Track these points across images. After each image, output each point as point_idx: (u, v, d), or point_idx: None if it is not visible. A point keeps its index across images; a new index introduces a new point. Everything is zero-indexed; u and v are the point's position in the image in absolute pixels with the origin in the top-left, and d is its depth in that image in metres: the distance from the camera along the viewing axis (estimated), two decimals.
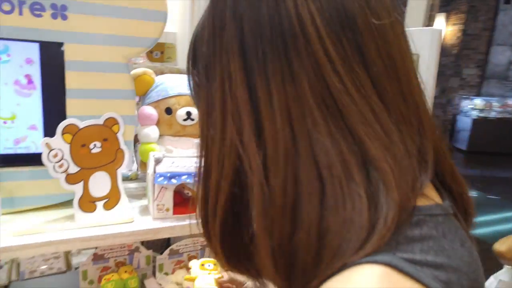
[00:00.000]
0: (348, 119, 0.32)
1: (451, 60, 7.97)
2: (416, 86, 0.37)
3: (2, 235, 0.79)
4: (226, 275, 0.80)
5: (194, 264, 0.97)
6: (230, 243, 0.41)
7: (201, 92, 0.40)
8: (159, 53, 1.58)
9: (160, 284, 1.02)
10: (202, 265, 0.96)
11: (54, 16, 0.85)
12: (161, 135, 1.15)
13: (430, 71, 0.93)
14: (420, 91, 0.38)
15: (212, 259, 0.97)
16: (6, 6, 0.80)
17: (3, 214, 0.84)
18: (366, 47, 0.33)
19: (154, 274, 1.06)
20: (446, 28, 7.64)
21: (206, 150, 0.40)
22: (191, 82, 0.43)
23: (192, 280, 0.94)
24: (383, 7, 0.35)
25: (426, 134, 0.36)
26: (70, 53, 0.89)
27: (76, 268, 1.11)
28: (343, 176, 0.32)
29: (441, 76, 8.16)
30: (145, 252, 1.06)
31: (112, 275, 0.98)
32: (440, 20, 7.54)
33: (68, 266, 1.20)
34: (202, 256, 1.09)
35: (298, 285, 0.35)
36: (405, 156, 0.33)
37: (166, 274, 1.05)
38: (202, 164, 0.41)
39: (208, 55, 0.38)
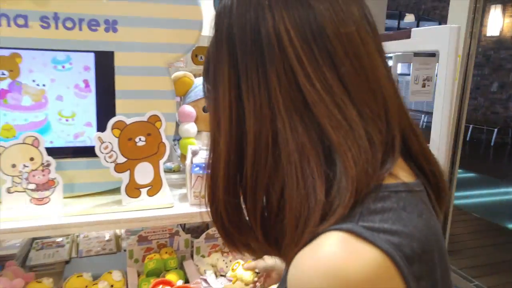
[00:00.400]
0: (316, 114, 0.39)
1: (510, 54, 7.48)
2: (386, 82, 0.43)
3: (63, 214, 0.95)
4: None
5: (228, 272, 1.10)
6: (231, 221, 0.49)
7: (210, 95, 0.50)
8: (203, 56, 1.71)
9: (197, 265, 1.13)
10: (233, 268, 1.07)
11: (107, 30, 0.99)
12: (199, 131, 1.27)
13: (449, 68, 0.96)
14: (390, 85, 0.43)
15: (236, 261, 1.08)
16: (69, 24, 0.95)
17: (64, 197, 0.99)
18: (335, 51, 0.40)
19: (192, 256, 1.18)
20: (503, 20, 7.19)
21: (214, 143, 0.49)
22: (204, 87, 0.52)
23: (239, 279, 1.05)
24: (350, 17, 0.41)
25: (394, 123, 0.42)
26: (119, 60, 1.02)
27: (125, 250, 1.25)
28: (298, 163, 0.39)
29: (500, 70, 7.66)
30: (184, 236, 1.18)
31: (154, 255, 1.11)
32: (496, 12, 7.11)
33: (118, 248, 1.35)
34: None
35: (283, 252, 0.43)
36: (366, 142, 0.39)
37: (203, 256, 1.16)
38: (211, 154, 0.49)
39: (213, 67, 0.47)
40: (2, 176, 0.92)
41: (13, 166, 0.93)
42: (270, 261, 0.91)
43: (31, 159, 0.94)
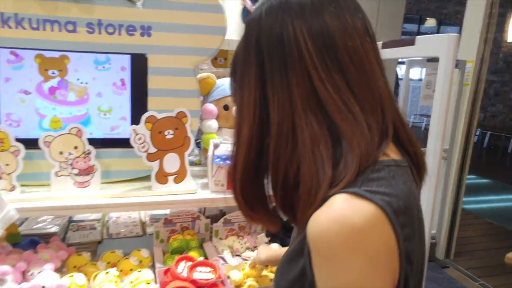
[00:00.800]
0: (328, 109, 0.50)
1: None
2: (382, 84, 0.54)
3: (100, 197, 1.08)
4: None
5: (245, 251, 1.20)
6: (251, 196, 0.60)
7: (237, 94, 0.61)
8: (222, 59, 1.81)
9: (216, 246, 1.26)
10: (242, 268, 1.17)
11: (142, 35, 1.12)
12: (219, 127, 1.39)
13: (447, 72, 1.06)
14: (385, 87, 0.54)
15: (244, 262, 1.19)
16: (110, 29, 1.08)
17: (102, 183, 1.13)
18: (343, 60, 0.51)
19: (211, 238, 1.31)
20: None
21: (238, 133, 0.60)
22: (232, 87, 0.64)
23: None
24: (357, 32, 0.52)
25: (388, 116, 0.53)
26: (152, 61, 1.15)
27: (150, 234, 1.39)
28: (310, 147, 0.50)
29: None
30: (204, 220, 1.31)
31: (178, 236, 1.24)
32: None
33: (144, 232, 1.49)
34: (251, 227, 1.31)
35: (300, 216, 0.54)
36: (367, 130, 0.50)
37: (221, 239, 1.28)
38: (235, 142, 0.60)
39: (240, 69, 0.58)
40: (51, 162, 1.06)
41: (61, 153, 1.07)
42: (263, 256, 1.02)
43: (75, 147, 1.08)
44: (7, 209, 0.71)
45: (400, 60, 5.48)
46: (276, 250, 1.01)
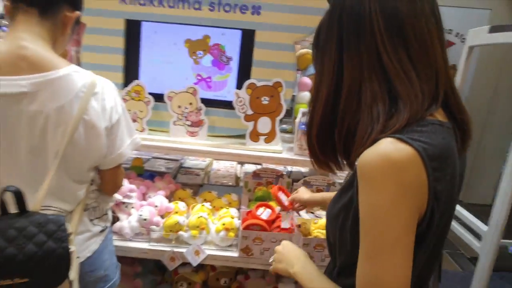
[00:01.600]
0: (390, 76, 0.61)
1: None
2: (440, 58, 0.63)
3: (205, 145, 1.33)
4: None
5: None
6: (323, 142, 0.73)
7: (318, 59, 0.73)
8: None
9: None
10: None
11: (252, 13, 1.31)
12: None
13: None
14: (443, 60, 0.64)
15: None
16: (227, 7, 1.30)
17: (207, 135, 1.38)
18: (408, 37, 0.61)
19: None
20: None
21: (317, 92, 0.74)
22: (314, 55, 0.77)
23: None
24: (423, 13, 0.62)
25: (440, 85, 0.63)
26: (259, 36, 1.34)
27: (241, 186, 1.62)
28: (369, 104, 0.62)
29: None
30: (286, 179, 1.49)
31: (263, 188, 1.45)
32: None
33: (237, 183, 1.74)
34: (328, 190, 1.45)
35: (353, 156, 0.66)
36: (420, 94, 0.61)
37: None
38: (313, 100, 0.74)
39: (323, 39, 0.70)
40: (171, 113, 1.34)
41: (179, 107, 1.34)
42: (306, 196, 1.15)
43: (190, 103, 1.34)
44: (135, 136, 0.96)
45: None
46: (318, 194, 1.15)
